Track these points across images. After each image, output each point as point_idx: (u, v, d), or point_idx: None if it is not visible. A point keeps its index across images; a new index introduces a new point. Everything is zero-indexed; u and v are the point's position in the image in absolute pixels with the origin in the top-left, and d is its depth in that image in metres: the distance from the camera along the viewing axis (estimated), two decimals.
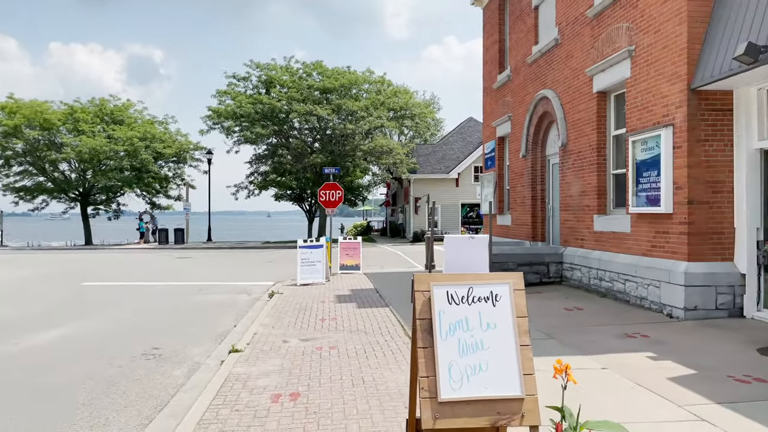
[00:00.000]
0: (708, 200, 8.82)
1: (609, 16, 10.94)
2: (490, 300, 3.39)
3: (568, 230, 13.05)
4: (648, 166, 9.64)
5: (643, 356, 6.69)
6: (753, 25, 7.72)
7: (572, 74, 12.58)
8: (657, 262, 9.44)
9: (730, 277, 8.72)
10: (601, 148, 11.60)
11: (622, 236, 10.64)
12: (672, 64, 9.00)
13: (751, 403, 5.01)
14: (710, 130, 8.81)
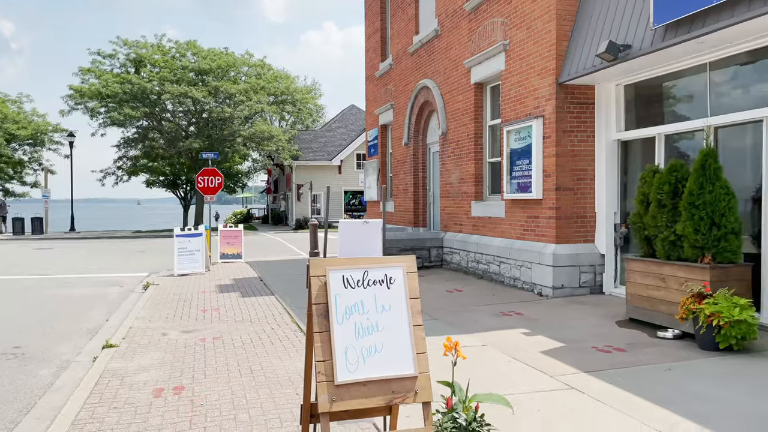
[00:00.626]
0: (573, 187, 9.56)
1: (485, 11, 11.44)
2: (384, 283, 3.44)
3: (448, 216, 13.57)
4: (521, 155, 10.26)
5: (519, 332, 7.14)
6: (614, 25, 8.43)
7: (452, 65, 13.03)
8: (529, 244, 10.10)
9: (591, 258, 9.54)
10: (478, 137, 12.15)
11: (498, 221, 11.26)
12: (542, 59, 9.61)
13: (611, 370, 5.53)
14: (575, 122, 9.54)
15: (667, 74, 8.50)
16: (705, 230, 6.52)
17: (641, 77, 8.86)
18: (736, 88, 7.66)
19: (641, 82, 9.05)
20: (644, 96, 9.20)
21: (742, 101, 7.48)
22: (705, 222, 6.52)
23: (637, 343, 6.53)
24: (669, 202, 7.03)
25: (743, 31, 6.72)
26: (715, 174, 6.61)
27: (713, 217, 6.52)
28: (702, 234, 6.53)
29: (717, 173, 6.63)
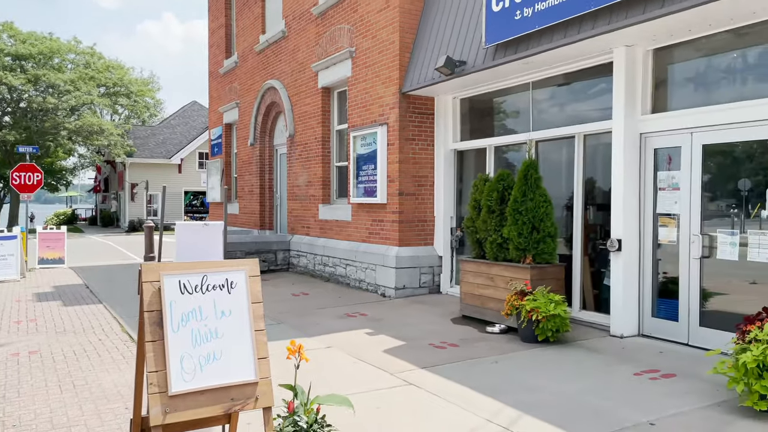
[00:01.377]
0: (415, 192, 10.01)
1: (333, 17, 11.59)
2: (225, 287, 3.34)
3: (295, 219, 13.51)
4: (367, 160, 10.52)
5: (363, 333, 7.31)
6: (451, 41, 8.98)
7: (299, 67, 13.01)
8: (374, 247, 10.39)
9: (430, 259, 10.05)
10: (325, 141, 12.26)
11: (345, 224, 11.44)
12: (387, 69, 9.96)
13: (446, 365, 5.87)
14: (417, 130, 10.00)
15: (498, 90, 9.24)
16: (527, 234, 7.18)
17: (476, 92, 9.54)
18: (554, 106, 8.53)
19: (476, 96, 9.74)
20: (478, 109, 9.91)
21: (559, 118, 8.35)
22: (527, 226, 7.18)
23: (469, 338, 7.00)
24: (497, 208, 7.63)
25: (560, 56, 7.51)
26: (536, 183, 7.31)
27: (534, 222, 7.20)
28: (524, 237, 7.19)
29: (537, 183, 7.33)
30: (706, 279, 6.44)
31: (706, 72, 6.61)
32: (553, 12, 6.99)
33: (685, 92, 6.83)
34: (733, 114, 6.11)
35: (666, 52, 6.93)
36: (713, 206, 6.51)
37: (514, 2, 7.55)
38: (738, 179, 6.34)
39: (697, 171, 6.50)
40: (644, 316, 7.04)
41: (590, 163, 7.88)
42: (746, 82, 6.25)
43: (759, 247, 5.91)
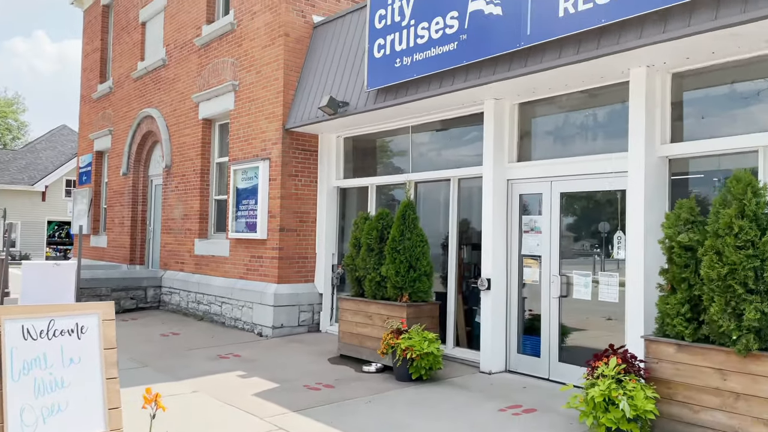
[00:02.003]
0: (296, 228, 9.95)
1: (216, 49, 11.42)
2: (75, 332, 3.11)
3: (168, 253, 12.89)
4: (247, 195, 10.34)
5: (234, 375, 7.05)
6: (335, 81, 9.16)
7: (179, 97, 12.63)
8: (251, 284, 10.14)
9: (310, 297, 9.97)
10: (204, 173, 11.91)
11: (222, 260, 11.08)
12: (270, 104, 9.93)
13: (319, 407, 5.80)
14: (300, 166, 10.01)
15: (381, 132, 9.52)
16: (404, 272, 7.36)
17: (359, 132, 9.76)
18: (432, 149, 8.92)
19: (359, 136, 9.95)
20: (361, 149, 10.12)
21: (436, 161, 8.73)
22: (404, 265, 7.36)
23: (345, 378, 6.98)
24: (376, 246, 7.77)
25: (437, 104, 7.90)
26: (413, 223, 7.55)
27: (411, 261, 7.40)
28: (401, 276, 7.36)
29: (414, 223, 7.57)
30: (567, 317, 6.92)
31: (564, 126, 7.24)
32: (430, 63, 7.37)
33: (545, 144, 7.43)
34: (585, 166, 6.72)
35: (530, 107, 7.51)
36: (572, 248, 7.06)
37: (394, 50, 7.87)
38: (593, 224, 6.94)
39: (556, 216, 7.03)
40: (511, 352, 7.41)
41: (464, 206, 8.28)
42: (596, 138, 6.92)
43: (608, 286, 6.48)
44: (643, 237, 5.92)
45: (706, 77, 5.99)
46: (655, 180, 6.05)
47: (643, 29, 5.44)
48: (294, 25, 9.79)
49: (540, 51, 6.29)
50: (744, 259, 4.37)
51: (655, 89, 6.08)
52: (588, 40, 5.86)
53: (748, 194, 4.48)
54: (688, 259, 4.84)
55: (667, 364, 4.87)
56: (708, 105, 6.05)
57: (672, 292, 4.94)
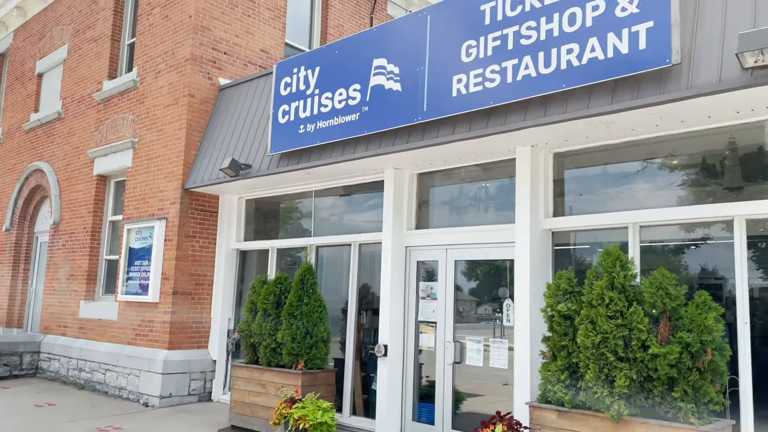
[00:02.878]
0: (191, 292, 9.59)
1: (117, 105, 11.14)
2: None
3: (50, 316, 11.97)
4: (141, 255, 9.90)
5: None
6: (239, 144, 9.14)
7: (73, 152, 12.09)
8: (140, 350, 9.57)
9: (203, 364, 9.53)
10: (96, 231, 11.32)
11: (109, 324, 10.42)
12: (170, 163, 9.72)
13: None
14: (199, 227, 9.76)
15: (284, 195, 9.53)
16: (300, 338, 7.25)
17: (262, 194, 9.71)
18: (334, 214, 9.03)
19: (262, 199, 9.90)
20: (263, 211, 10.05)
21: (338, 226, 8.82)
22: (301, 331, 7.26)
23: None
24: (273, 311, 7.63)
25: (339, 170, 8.06)
26: (312, 288, 7.51)
27: (308, 327, 7.32)
28: (298, 342, 7.24)
29: (313, 287, 7.54)
30: (461, 383, 7.04)
31: (459, 197, 7.59)
32: (333, 131, 7.57)
33: (442, 213, 7.74)
34: (478, 236, 7.04)
35: (428, 177, 7.84)
36: (468, 315, 7.26)
37: (298, 117, 8.03)
38: (487, 292, 7.22)
39: (450, 283, 7.25)
40: (406, 420, 7.39)
41: (365, 271, 8.35)
42: (488, 209, 7.30)
43: (498, 353, 6.69)
44: (529, 305, 6.21)
45: (583, 158, 6.55)
46: (540, 251, 6.43)
47: (527, 112, 5.91)
48: (199, 87, 9.77)
49: (436, 126, 6.64)
50: (614, 328, 4.69)
51: (539, 167, 6.55)
52: (478, 120, 6.27)
53: (616, 267, 4.86)
54: (567, 328, 5.12)
55: (549, 430, 5.04)
56: (586, 183, 6.58)
57: (553, 359, 5.18)
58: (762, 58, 4.28)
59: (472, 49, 6.26)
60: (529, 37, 5.81)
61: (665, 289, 4.62)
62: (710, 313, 4.51)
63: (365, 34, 7.55)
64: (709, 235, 5.74)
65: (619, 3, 5.23)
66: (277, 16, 10.93)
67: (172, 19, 10.16)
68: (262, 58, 10.60)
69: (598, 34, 5.33)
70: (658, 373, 4.52)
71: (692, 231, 5.92)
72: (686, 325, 4.53)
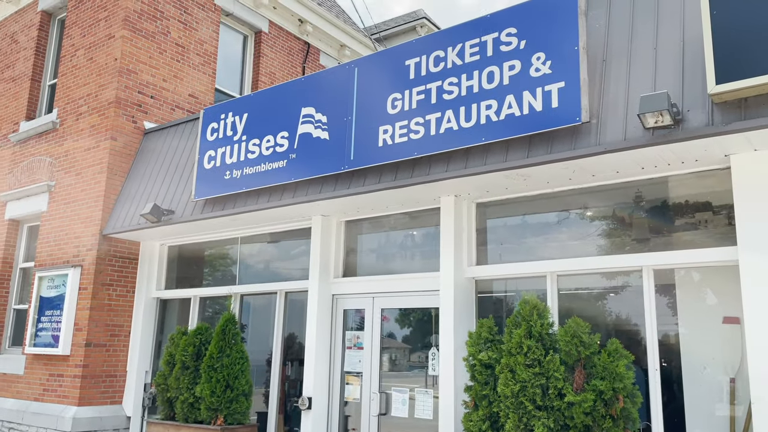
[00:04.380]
0: (106, 343, 9.07)
1: (34, 146, 10.66)
2: None
3: None
4: (53, 305, 9.33)
5: None
6: (161, 189, 8.89)
7: None
8: (48, 407, 8.90)
9: (116, 420, 8.95)
10: (5, 279, 10.62)
11: (15, 379, 9.68)
12: (88, 208, 9.32)
13: None
14: (116, 275, 9.32)
15: (208, 242, 9.29)
16: (220, 392, 6.96)
17: (185, 241, 9.43)
18: (260, 261, 8.85)
19: (185, 246, 9.61)
20: (187, 258, 9.74)
21: (264, 274, 8.65)
22: (221, 384, 6.98)
23: None
24: (192, 363, 7.32)
25: (266, 217, 7.96)
26: (234, 338, 7.28)
27: (228, 380, 7.04)
28: (217, 396, 6.94)
29: (235, 338, 7.31)
30: None
31: (386, 245, 7.64)
32: (260, 177, 7.50)
33: (369, 260, 7.74)
34: (404, 284, 7.07)
35: (356, 225, 7.86)
36: (396, 364, 7.20)
37: (225, 163, 7.93)
38: (415, 341, 7.20)
39: (377, 332, 7.20)
40: None
41: (291, 320, 8.18)
42: (414, 257, 7.37)
43: (424, 403, 6.64)
44: (453, 354, 6.23)
45: (504, 208, 6.75)
46: (464, 298, 6.50)
47: (449, 163, 6.07)
48: (123, 130, 9.51)
49: (362, 175, 6.71)
50: (532, 376, 4.77)
51: (462, 216, 6.70)
52: (403, 169, 6.39)
53: (534, 316, 4.98)
54: (488, 377, 5.17)
55: None
56: (507, 233, 6.77)
57: (475, 409, 5.19)
58: (661, 119, 4.59)
59: (397, 102, 6.42)
60: (451, 92, 6.03)
61: (579, 337, 4.76)
62: (621, 360, 4.67)
63: (294, 83, 7.62)
64: (623, 283, 5.99)
65: (533, 64, 5.52)
66: (207, 62, 10.89)
67: (96, 62, 9.93)
68: (190, 103, 10.48)
69: (515, 91, 5.59)
70: (574, 421, 4.60)
71: (607, 279, 6.17)
72: (599, 372, 4.66)
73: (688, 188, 5.63)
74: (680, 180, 5.61)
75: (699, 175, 5.48)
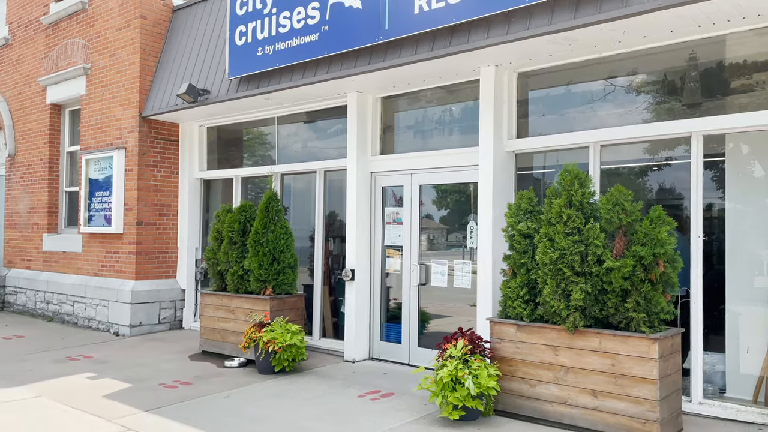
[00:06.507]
0: (156, 222, 9.47)
1: (65, 29, 10.55)
2: None
3: (14, 250, 11.77)
4: (101, 186, 9.68)
5: (83, 377, 6.60)
6: (195, 68, 8.80)
7: (24, 80, 11.53)
8: (107, 281, 9.53)
9: (172, 293, 9.56)
10: (53, 162, 10.98)
11: (74, 256, 10.30)
12: (126, 90, 9.35)
13: (173, 405, 5.59)
14: (159, 156, 9.53)
15: (246, 122, 9.30)
16: (267, 265, 7.27)
17: (223, 122, 9.46)
18: (298, 141, 8.87)
19: (223, 126, 9.66)
20: (226, 139, 9.83)
21: (302, 153, 8.70)
22: (267, 258, 7.27)
23: (205, 374, 6.78)
24: (239, 239, 7.60)
25: (301, 95, 7.86)
26: (277, 215, 7.47)
27: (274, 254, 7.32)
28: (265, 268, 7.26)
29: (278, 215, 7.50)
30: (426, 303, 7.20)
31: (424, 121, 7.51)
32: (293, 53, 7.31)
33: (407, 137, 7.66)
34: (442, 159, 7.02)
35: (392, 101, 7.71)
36: (435, 238, 7.35)
37: (256, 39, 7.72)
38: (452, 215, 7.27)
39: (416, 207, 7.28)
40: (374, 340, 7.58)
41: (331, 197, 8.32)
42: (453, 133, 7.25)
43: (462, 274, 6.82)
44: (491, 226, 6.29)
45: (546, 77, 6.48)
46: (503, 173, 6.45)
47: (490, 30, 5.76)
48: (151, 7, 9.28)
49: (398, 46, 6.46)
50: (571, 244, 4.80)
51: (503, 87, 6.47)
52: (441, 38, 6.11)
53: (575, 185, 4.92)
54: (526, 246, 5.22)
55: (509, 343, 5.23)
56: (549, 104, 6.54)
57: (513, 277, 5.30)
58: None
59: None
60: None
61: (621, 204, 4.70)
62: (663, 227, 4.63)
63: None
64: (669, 156, 5.82)
65: None
66: None
67: None
68: None
69: None
70: (612, 286, 4.67)
71: (653, 151, 5.99)
72: (640, 239, 4.65)
73: (746, 47, 5.25)
74: (739, 38, 5.22)
75: (759, 32, 5.09)
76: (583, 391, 4.82)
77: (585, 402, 4.80)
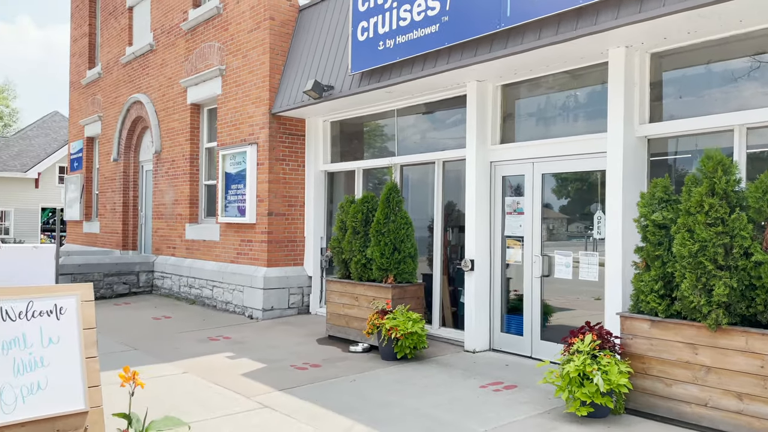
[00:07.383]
0: (285, 212, 10.02)
1: (202, 33, 11.40)
2: (54, 313, 3.19)
3: (160, 238, 12.97)
4: (236, 180, 10.39)
5: (223, 356, 7.17)
6: (320, 65, 9.17)
7: (167, 82, 12.61)
8: (241, 268, 10.23)
9: (300, 280, 10.08)
10: (194, 158, 11.94)
11: (212, 244, 11.16)
12: (257, 89, 9.94)
13: (305, 386, 5.93)
14: (287, 151, 10.05)
15: (367, 115, 9.55)
16: (389, 254, 7.45)
17: (345, 116, 9.79)
18: (416, 132, 8.97)
19: (346, 120, 9.99)
20: (348, 132, 10.16)
21: (421, 144, 8.79)
22: (389, 247, 7.45)
23: (332, 358, 7.10)
24: (362, 229, 7.85)
25: (420, 86, 7.93)
26: (397, 206, 7.63)
27: (395, 243, 7.49)
28: (386, 257, 7.45)
29: (399, 205, 7.65)
30: (549, 296, 7.03)
31: (546, 108, 7.30)
32: (413, 45, 7.39)
33: (528, 125, 7.49)
34: (566, 147, 6.79)
35: (513, 88, 7.56)
36: (556, 229, 7.15)
37: (377, 33, 7.89)
38: (575, 205, 7.03)
39: (538, 197, 7.12)
40: (494, 331, 7.53)
41: (450, 188, 8.35)
42: (577, 119, 6.98)
43: (588, 266, 6.58)
44: (621, 216, 6.00)
45: (684, 57, 6.04)
46: (634, 160, 6.12)
47: (620, 9, 5.48)
48: (279, 9, 9.78)
49: (520, 32, 6.32)
50: (714, 236, 4.47)
51: (634, 69, 6.13)
52: (566, 21, 5.90)
53: (718, 172, 4.57)
54: (661, 237, 4.94)
55: (642, 339, 4.99)
56: (686, 85, 6.11)
57: (646, 270, 5.04)
58: None
59: None
60: None
61: None
62: None
63: None
64: None
65: None
66: None
67: None
68: None
69: None
70: (761, 281, 4.30)
71: None
72: None
73: None
74: None
75: None
76: (726, 393, 4.50)
77: (728, 405, 4.47)
